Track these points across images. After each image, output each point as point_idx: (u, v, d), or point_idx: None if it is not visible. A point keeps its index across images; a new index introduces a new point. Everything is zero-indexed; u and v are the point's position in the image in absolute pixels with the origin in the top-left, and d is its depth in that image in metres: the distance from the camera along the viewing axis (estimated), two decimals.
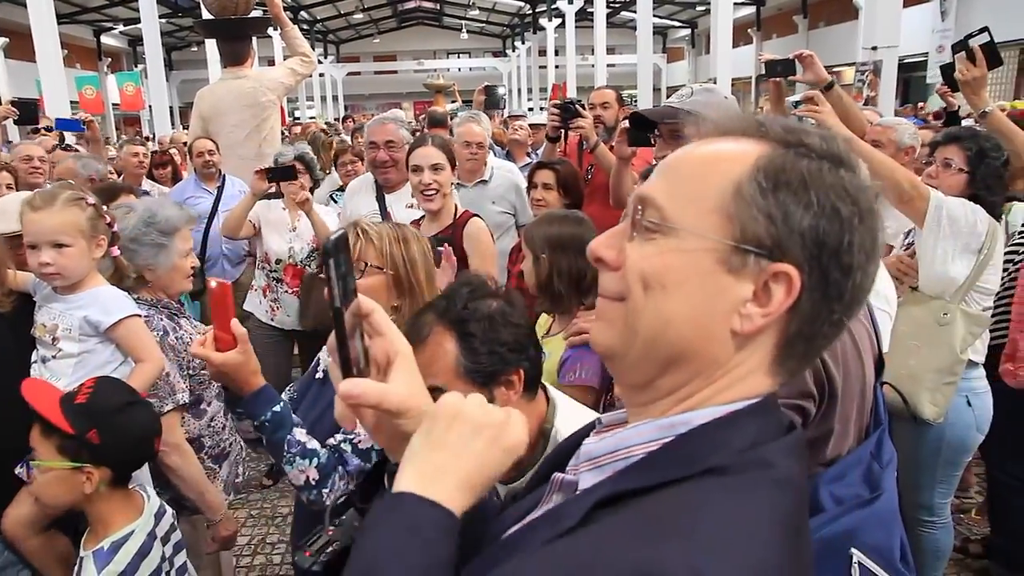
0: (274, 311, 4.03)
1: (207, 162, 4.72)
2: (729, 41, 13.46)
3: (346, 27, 36.96)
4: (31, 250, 2.02)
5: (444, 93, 12.37)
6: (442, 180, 2.88)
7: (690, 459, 0.68)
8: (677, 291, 0.70)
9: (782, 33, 26.06)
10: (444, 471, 0.73)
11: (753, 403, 0.72)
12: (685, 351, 0.71)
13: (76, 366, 2.05)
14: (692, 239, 0.70)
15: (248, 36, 5.53)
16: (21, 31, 22.42)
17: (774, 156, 0.71)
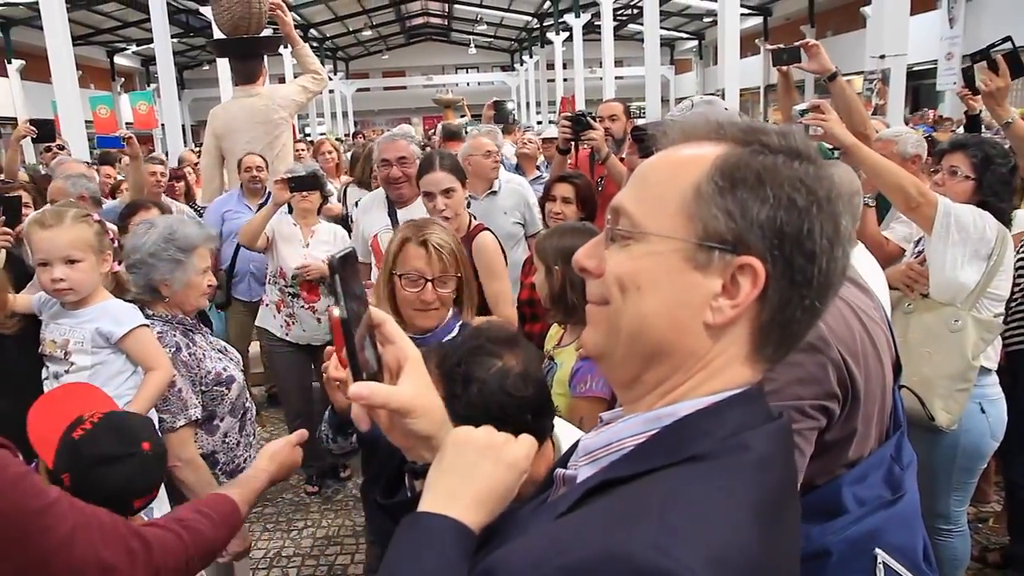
0: (289, 326, 4.04)
1: (255, 178, 4.72)
2: (736, 52, 13.48)
3: (355, 44, 37.27)
4: (42, 267, 2.06)
5: (453, 108, 12.41)
6: (454, 203, 2.92)
7: (674, 448, 0.72)
8: (651, 291, 0.75)
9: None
10: (455, 493, 0.81)
11: (735, 393, 0.76)
12: (663, 345, 0.76)
13: (90, 378, 2.09)
14: (659, 242, 0.75)
15: (260, 55, 5.60)
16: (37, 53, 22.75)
17: (729, 156, 0.75)
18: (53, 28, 11.33)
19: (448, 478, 0.82)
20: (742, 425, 0.74)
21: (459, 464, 0.83)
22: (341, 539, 3.82)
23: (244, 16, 5.31)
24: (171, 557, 1.15)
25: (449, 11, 34.37)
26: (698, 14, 29.77)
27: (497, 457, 0.84)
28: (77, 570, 0.98)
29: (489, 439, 0.85)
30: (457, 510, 0.79)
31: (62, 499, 1.00)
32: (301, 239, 4.01)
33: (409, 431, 0.85)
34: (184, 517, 1.26)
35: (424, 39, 40.72)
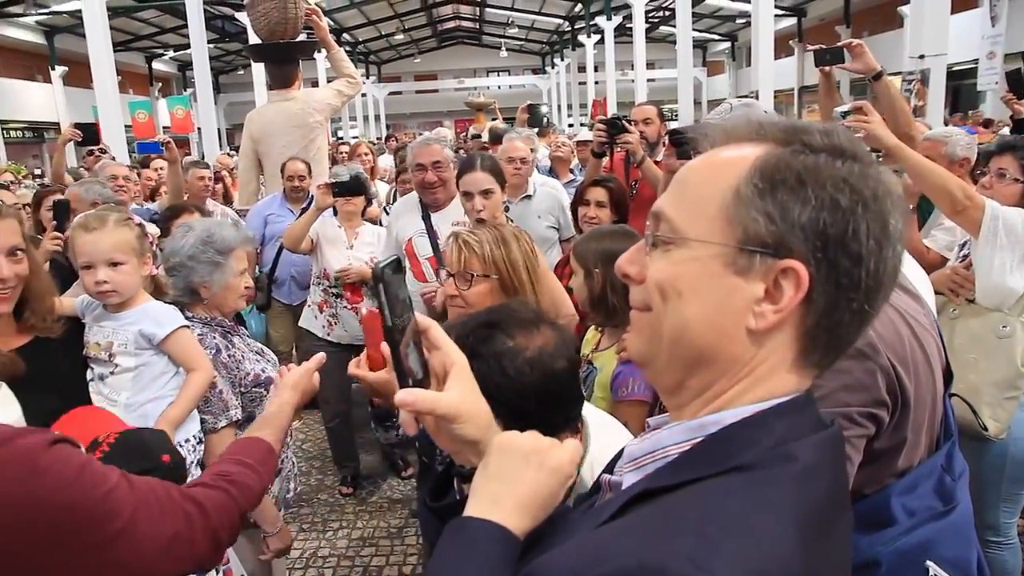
0: (331, 326, 4.10)
1: (296, 187, 4.74)
2: (770, 53, 13.33)
3: (387, 48, 37.59)
4: (86, 270, 2.09)
5: (485, 111, 12.44)
6: (492, 204, 2.92)
7: (718, 458, 0.71)
8: (692, 296, 0.74)
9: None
10: (499, 498, 0.81)
11: (782, 401, 0.74)
12: (706, 352, 0.75)
13: (134, 379, 2.12)
14: (699, 246, 0.74)
15: (296, 59, 5.66)
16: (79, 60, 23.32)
17: (769, 156, 0.73)
18: (95, 35, 11.60)
19: (492, 484, 0.82)
20: (789, 435, 0.72)
21: (502, 470, 0.83)
22: (376, 540, 3.84)
23: (280, 21, 5.38)
24: (225, 515, 1.18)
25: (480, 15, 34.51)
26: (731, 15, 29.53)
27: (540, 463, 0.83)
28: (141, 546, 1.01)
29: (533, 444, 0.85)
30: (500, 515, 0.79)
31: (121, 482, 1.02)
32: (345, 241, 4.06)
33: (455, 436, 0.86)
34: (228, 471, 1.27)
35: (455, 42, 40.93)
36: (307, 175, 4.78)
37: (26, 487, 0.90)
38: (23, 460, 0.91)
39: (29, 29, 23.93)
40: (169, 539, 1.06)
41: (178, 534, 1.08)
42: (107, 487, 0.99)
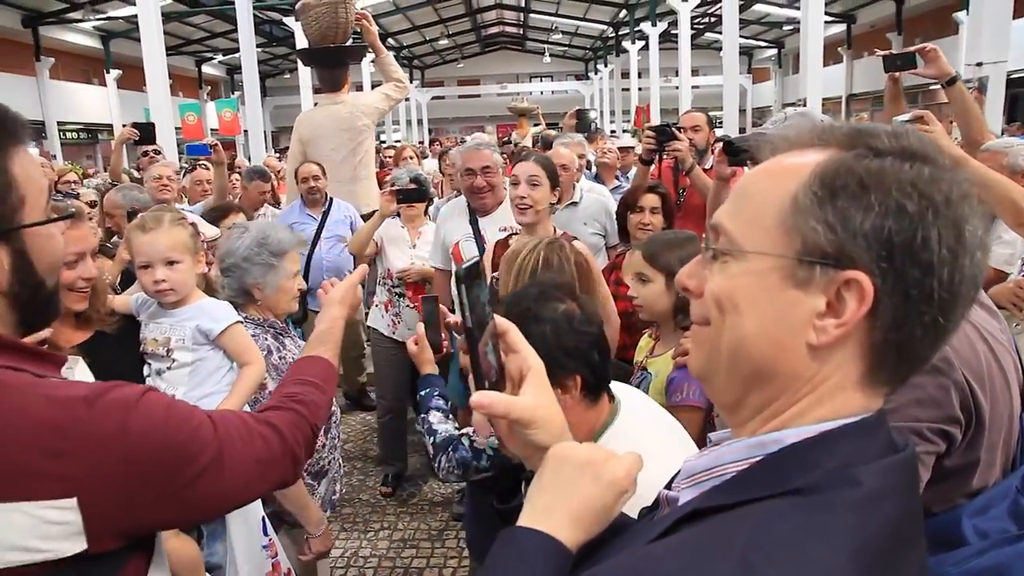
0: (395, 325, 4.18)
1: (312, 188, 4.78)
2: (820, 60, 13.09)
3: (431, 52, 37.86)
4: (144, 269, 2.15)
5: (528, 116, 12.44)
6: (537, 196, 2.89)
7: (775, 479, 0.68)
8: (749, 310, 0.72)
9: (873, 51, 25.24)
10: (552, 509, 0.79)
11: (849, 422, 0.70)
12: (764, 367, 0.72)
13: (191, 374, 2.17)
14: (757, 259, 0.71)
15: (346, 63, 5.74)
16: (132, 63, 23.98)
17: (830, 162, 0.70)
18: (149, 40, 11.90)
19: (545, 494, 0.81)
20: (854, 457, 0.68)
21: (557, 480, 0.81)
22: (417, 542, 3.85)
23: (331, 26, 5.45)
24: (299, 434, 1.21)
25: (524, 20, 34.59)
26: (778, 22, 29.17)
27: (596, 475, 0.81)
28: (228, 477, 1.06)
29: (589, 456, 0.82)
30: (552, 526, 0.78)
31: (205, 419, 1.07)
32: (408, 240, 4.14)
33: (529, 441, 0.85)
34: (294, 392, 1.30)
35: (499, 48, 41.08)
36: (321, 176, 4.81)
37: (123, 430, 0.96)
38: (120, 407, 0.97)
39: (86, 34, 24.64)
40: (253, 466, 1.11)
41: (260, 460, 1.12)
42: (193, 424, 1.04)
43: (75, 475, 0.92)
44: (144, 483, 0.97)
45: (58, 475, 0.91)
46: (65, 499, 0.91)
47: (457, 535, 3.88)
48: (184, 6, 22.24)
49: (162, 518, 1.03)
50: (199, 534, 2.07)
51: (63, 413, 0.92)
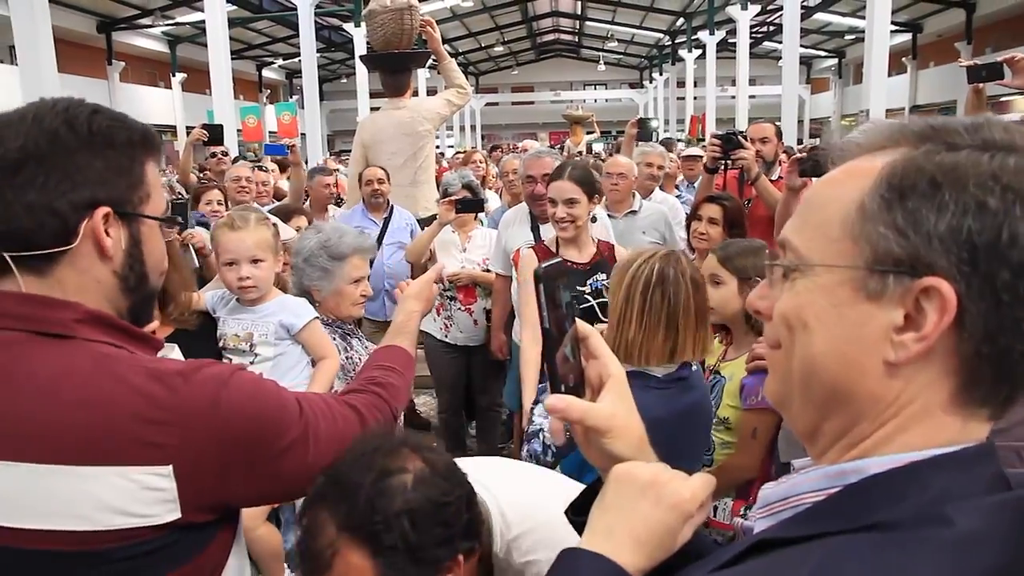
0: (447, 328, 4.20)
1: (375, 191, 4.70)
2: (884, 70, 12.83)
3: (486, 59, 38.18)
4: (229, 266, 2.21)
5: (582, 124, 12.44)
6: (576, 213, 2.92)
7: (854, 512, 0.61)
8: (819, 328, 0.66)
9: (941, 61, 24.60)
10: (612, 531, 0.76)
11: (944, 452, 0.62)
12: (839, 390, 0.66)
13: (273, 368, 2.23)
14: (824, 272, 0.65)
15: (409, 69, 5.80)
16: (195, 67, 24.72)
17: (898, 162, 0.64)
18: (216, 45, 12.26)
19: (607, 515, 0.78)
20: (949, 493, 0.59)
21: (619, 501, 0.78)
22: None
23: (396, 32, 5.51)
24: (380, 415, 1.23)
25: (580, 28, 34.65)
26: (839, 31, 28.64)
27: (658, 497, 0.77)
28: (315, 451, 1.09)
29: (652, 477, 0.79)
30: (612, 548, 0.75)
31: (290, 400, 1.11)
32: (458, 244, 4.17)
33: (605, 451, 0.82)
34: (374, 376, 1.32)
35: (554, 55, 41.19)
36: (386, 179, 4.78)
37: (216, 404, 1.00)
38: (213, 382, 1.02)
39: (155, 39, 25.51)
40: (336, 445, 1.13)
41: (343, 439, 1.14)
42: (280, 400, 1.09)
43: (171, 444, 0.96)
44: (235, 454, 1.02)
45: (155, 443, 0.95)
46: (161, 466, 0.95)
47: None
48: (248, 12, 22.87)
49: (252, 490, 1.06)
50: (277, 522, 2.13)
51: (160, 385, 0.97)
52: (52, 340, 0.97)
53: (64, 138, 0.97)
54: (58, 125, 0.97)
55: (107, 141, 1.00)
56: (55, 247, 0.97)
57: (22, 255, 0.97)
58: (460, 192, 4.06)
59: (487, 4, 27.17)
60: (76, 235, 0.97)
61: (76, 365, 0.96)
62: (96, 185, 0.98)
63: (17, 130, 0.96)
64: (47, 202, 0.95)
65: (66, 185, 0.96)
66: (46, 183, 0.95)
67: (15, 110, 1.01)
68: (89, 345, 0.98)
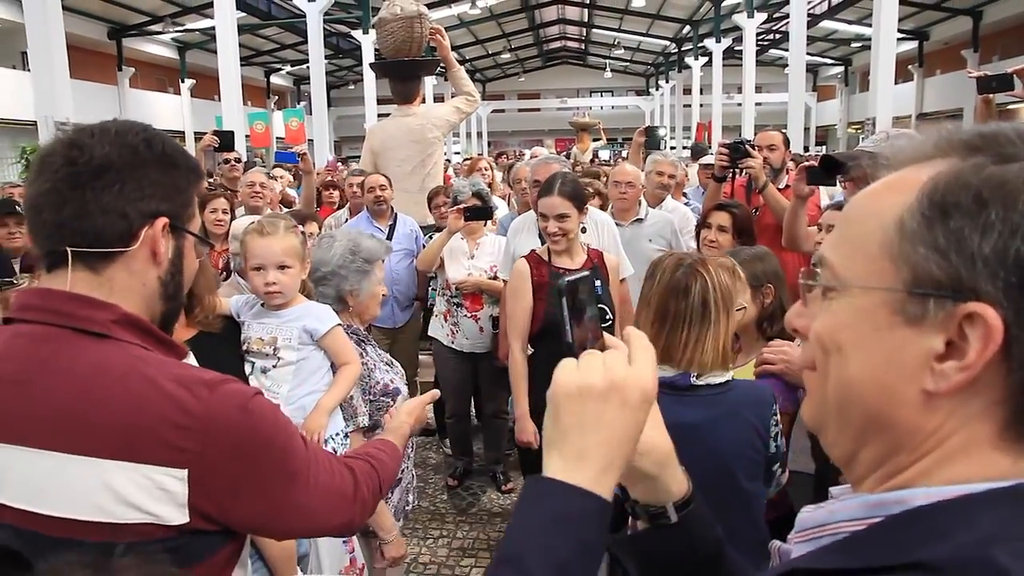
0: (454, 334, 4.24)
1: (378, 198, 4.72)
2: (890, 78, 12.84)
3: (493, 66, 38.26)
4: (256, 271, 2.26)
5: (589, 131, 12.46)
6: (567, 227, 3.03)
7: (897, 546, 0.57)
8: (854, 352, 0.62)
9: (947, 68, 24.58)
10: (584, 454, 0.71)
11: (997, 488, 0.56)
12: (875, 418, 0.62)
13: (295, 372, 2.26)
14: (861, 293, 0.62)
15: (419, 76, 5.85)
16: (205, 73, 24.84)
17: (941, 176, 0.59)
18: (225, 51, 12.33)
19: (572, 437, 0.72)
20: (998, 534, 0.53)
21: (583, 420, 0.72)
22: (476, 551, 3.88)
23: (406, 40, 5.57)
24: (371, 483, 1.28)
25: (587, 35, 34.72)
26: (845, 39, 28.65)
27: (622, 401, 0.72)
28: (313, 490, 1.14)
29: (609, 381, 0.73)
30: (587, 476, 0.70)
31: (298, 434, 1.17)
32: (466, 251, 4.20)
33: (635, 469, 0.81)
34: (369, 452, 1.38)
35: (560, 62, 41.27)
36: (388, 186, 4.80)
37: (241, 416, 1.06)
38: (237, 396, 1.08)
39: (164, 45, 25.68)
40: (332, 491, 1.18)
41: (338, 489, 1.20)
42: (292, 431, 1.15)
43: (191, 449, 1.01)
44: (249, 470, 1.07)
45: (177, 446, 1.01)
46: (178, 469, 1.01)
47: None
48: (257, 19, 23.00)
49: (256, 512, 1.10)
50: None
51: (187, 392, 1.03)
52: (90, 338, 1.03)
53: (142, 154, 1.07)
54: (138, 142, 1.08)
55: (173, 162, 1.12)
56: (118, 247, 1.06)
57: (84, 251, 1.05)
58: (470, 200, 4.09)
59: (494, 11, 27.26)
60: (137, 239, 1.07)
61: (111, 363, 1.03)
62: (160, 199, 1.09)
63: (102, 140, 1.06)
64: (120, 206, 1.05)
65: (137, 194, 1.06)
66: (122, 190, 1.05)
67: (99, 124, 1.09)
68: (123, 345, 1.05)
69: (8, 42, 18.88)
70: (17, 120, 17.76)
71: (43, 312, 1.04)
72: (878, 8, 12.37)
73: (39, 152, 1.08)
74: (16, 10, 15.41)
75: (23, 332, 1.04)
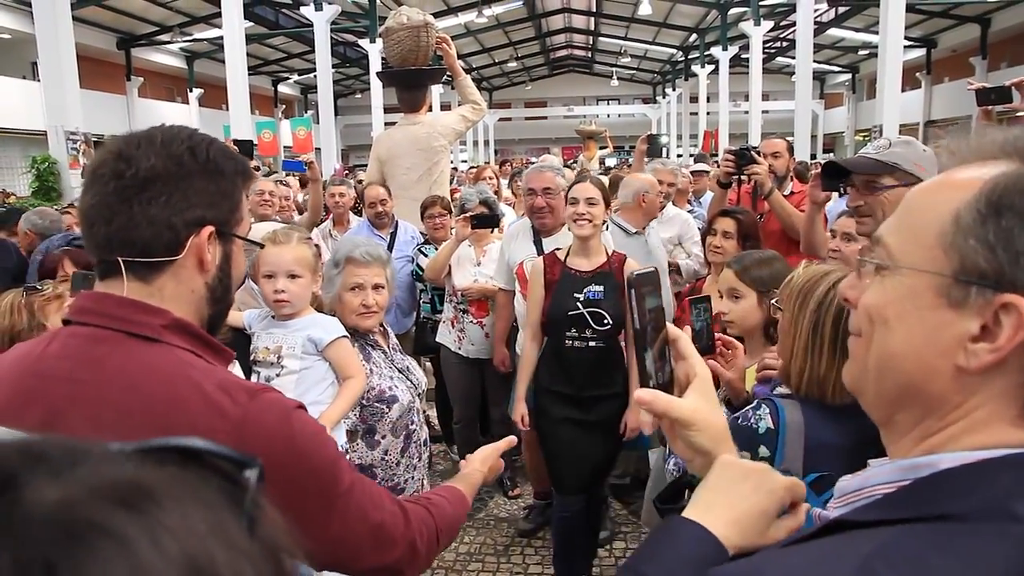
0: (460, 341, 4.26)
1: (379, 212, 4.77)
2: (898, 85, 12.85)
3: (500, 75, 38.40)
4: (267, 279, 2.30)
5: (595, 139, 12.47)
6: (595, 212, 3.08)
7: (923, 503, 0.65)
8: (898, 325, 0.70)
9: (955, 76, 24.53)
10: (711, 506, 0.81)
11: (1015, 452, 0.65)
12: (910, 386, 0.70)
13: (298, 381, 2.27)
14: (912, 275, 0.69)
15: (425, 85, 5.87)
16: (213, 83, 25.01)
17: (1001, 177, 0.66)
18: (233, 61, 12.42)
19: (708, 493, 0.83)
20: (1017, 489, 0.61)
21: (720, 483, 0.84)
22: (483, 556, 3.88)
23: (413, 49, 5.59)
24: (424, 527, 1.25)
25: (593, 43, 34.81)
26: (852, 47, 28.64)
27: (758, 483, 0.83)
28: (355, 520, 1.13)
29: (755, 466, 0.86)
30: (708, 520, 0.79)
31: (340, 457, 1.16)
32: (473, 259, 4.23)
33: (690, 442, 0.88)
34: (431, 498, 1.36)
35: (567, 70, 41.36)
36: (388, 198, 4.83)
37: (280, 425, 1.07)
38: (278, 405, 1.09)
39: (172, 55, 25.88)
40: (376, 525, 1.15)
41: (383, 524, 1.16)
42: (335, 453, 1.13)
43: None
44: (280, 483, 1.03)
45: None
46: None
47: (522, 551, 3.90)
48: (264, 28, 23.17)
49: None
50: None
51: (228, 396, 1.05)
52: (141, 341, 1.07)
53: (187, 164, 1.08)
54: (183, 151, 1.08)
55: (219, 169, 1.12)
56: (165, 257, 1.08)
57: (135, 261, 1.07)
58: (477, 208, 4.11)
59: (501, 20, 27.37)
60: (183, 248, 1.09)
61: (159, 366, 1.06)
62: (206, 207, 1.10)
63: (147, 152, 1.07)
64: (166, 217, 1.06)
65: (183, 204, 1.07)
66: (168, 201, 1.06)
67: (144, 132, 1.10)
68: (173, 350, 1.08)
69: (18, 53, 19.06)
70: (27, 130, 17.90)
71: (98, 315, 1.07)
72: (885, 16, 12.40)
73: (91, 164, 1.10)
74: (27, 21, 15.57)
75: (79, 333, 1.08)
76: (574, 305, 3.08)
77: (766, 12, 20.81)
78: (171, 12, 21.73)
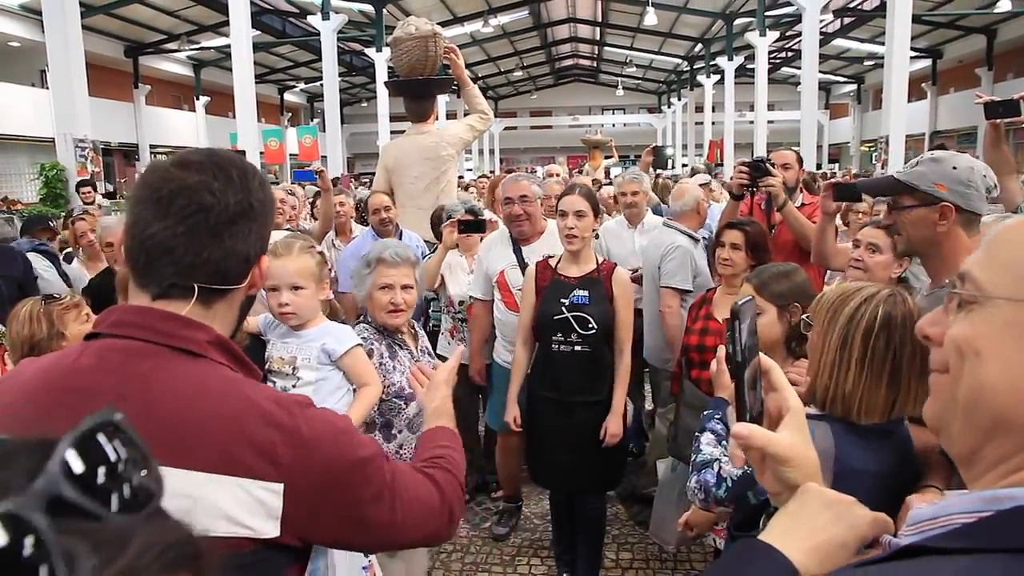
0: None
1: (383, 220, 4.75)
2: (904, 96, 12.85)
3: (505, 84, 38.49)
4: (272, 292, 2.28)
5: (601, 148, 12.47)
6: (583, 226, 3.14)
7: (1004, 534, 0.63)
8: (992, 357, 0.68)
9: (961, 87, 24.52)
10: (789, 532, 0.81)
11: None
12: (1004, 418, 0.68)
13: (313, 392, 2.26)
14: (1004, 305, 0.68)
15: (433, 95, 5.88)
16: (219, 90, 25.11)
17: None
18: (240, 69, 12.46)
19: (787, 519, 0.83)
20: None
21: (801, 510, 0.83)
22: (489, 567, 3.85)
23: (421, 59, 5.60)
24: (453, 491, 1.31)
25: (598, 53, 34.89)
26: (858, 57, 28.66)
27: (839, 514, 0.83)
28: (399, 510, 1.16)
29: (838, 497, 0.85)
30: (785, 546, 0.79)
31: (379, 454, 1.18)
32: (465, 267, 4.23)
33: (781, 478, 0.87)
34: (437, 456, 1.39)
35: (572, 80, 41.46)
36: (392, 206, 4.84)
37: (333, 435, 1.11)
38: (327, 419, 1.14)
39: (179, 63, 25.97)
40: (420, 505, 1.21)
41: (426, 502, 1.23)
42: (365, 454, 1.16)
43: (286, 464, 1.06)
44: (336, 488, 1.11)
45: (274, 461, 1.05)
46: (275, 483, 1.05)
47: (528, 562, 3.88)
48: (271, 37, 23.27)
49: (334, 529, 1.13)
50: None
51: (283, 410, 1.09)
52: (186, 356, 1.08)
53: (263, 201, 1.16)
54: (256, 187, 1.15)
55: (273, 200, 1.21)
56: (236, 285, 1.15)
57: (208, 287, 1.12)
58: (463, 216, 4.12)
59: (506, 30, 27.45)
60: (247, 278, 1.16)
61: (210, 381, 1.08)
62: (264, 239, 1.18)
63: (234, 188, 1.11)
64: (245, 250, 1.13)
65: (255, 238, 1.15)
66: (248, 235, 1.13)
67: (210, 160, 1.13)
68: (216, 366, 1.11)
69: (28, 60, 19.17)
70: (36, 137, 17.99)
71: (141, 329, 1.07)
72: (891, 26, 12.40)
73: (154, 188, 1.10)
74: (36, 29, 15.67)
75: (119, 347, 1.07)
76: (559, 309, 3.16)
77: (771, 23, 20.85)
78: (179, 20, 21.83)
